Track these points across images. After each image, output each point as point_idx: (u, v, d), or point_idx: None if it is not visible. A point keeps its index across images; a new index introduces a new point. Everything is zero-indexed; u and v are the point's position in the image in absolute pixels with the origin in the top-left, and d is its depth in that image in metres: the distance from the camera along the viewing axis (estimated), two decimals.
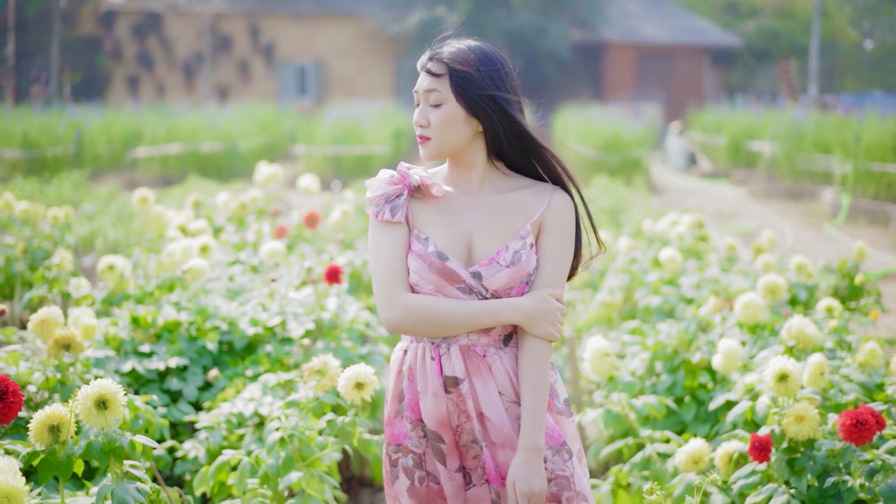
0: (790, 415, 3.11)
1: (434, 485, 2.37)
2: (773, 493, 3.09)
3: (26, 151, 16.97)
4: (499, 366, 2.32)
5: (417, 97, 2.35)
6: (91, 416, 2.56)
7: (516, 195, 2.36)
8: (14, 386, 2.54)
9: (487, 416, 2.31)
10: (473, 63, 2.29)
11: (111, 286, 4.64)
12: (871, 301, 5.13)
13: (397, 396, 2.40)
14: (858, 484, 3.00)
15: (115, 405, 2.58)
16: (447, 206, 2.36)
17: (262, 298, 4.57)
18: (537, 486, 2.23)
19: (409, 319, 2.26)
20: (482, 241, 2.33)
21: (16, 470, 2.09)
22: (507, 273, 2.29)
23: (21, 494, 2.06)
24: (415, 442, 2.37)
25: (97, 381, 2.59)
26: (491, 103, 2.28)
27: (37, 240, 7.18)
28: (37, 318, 3.43)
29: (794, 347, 3.85)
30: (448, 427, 2.34)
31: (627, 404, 3.60)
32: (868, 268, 9.70)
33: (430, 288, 2.30)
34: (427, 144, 2.33)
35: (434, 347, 2.33)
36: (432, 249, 2.30)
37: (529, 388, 2.27)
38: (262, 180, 7.26)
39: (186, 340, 4.16)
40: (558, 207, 2.35)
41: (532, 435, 2.25)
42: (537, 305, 2.28)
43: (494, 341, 2.32)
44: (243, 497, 3.04)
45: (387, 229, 2.33)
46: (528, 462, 2.24)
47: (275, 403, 3.52)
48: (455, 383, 2.31)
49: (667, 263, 5.70)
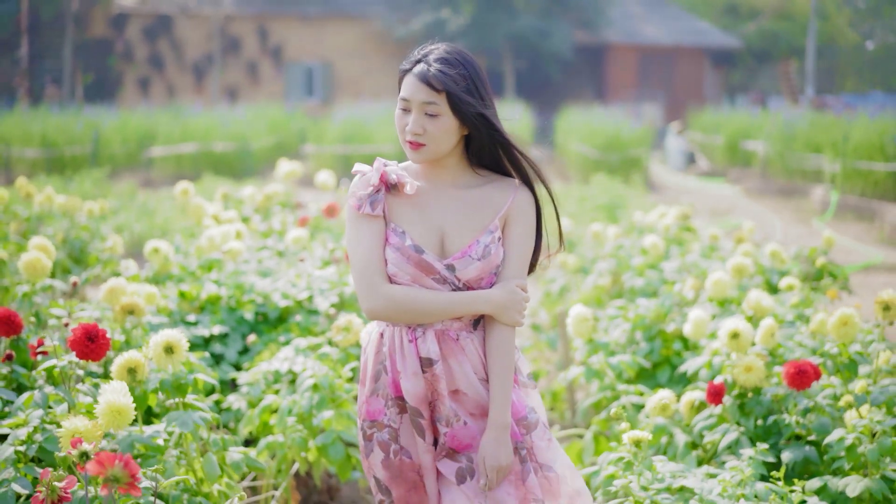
0: (740, 366, 3.73)
1: (406, 458, 2.56)
2: (726, 431, 3.70)
3: (45, 151, 17.62)
4: (471, 347, 2.53)
5: (407, 104, 2.48)
6: (161, 358, 3.16)
7: (483, 190, 2.55)
8: (103, 331, 3.14)
9: (464, 391, 2.52)
10: (466, 81, 2.46)
11: (156, 267, 5.26)
12: (830, 282, 5.74)
13: (374, 376, 2.57)
14: (795, 421, 3.62)
15: (179, 350, 3.18)
16: (420, 200, 2.53)
17: (291, 278, 5.20)
18: (504, 460, 2.48)
19: (390, 309, 2.46)
20: (454, 235, 2.51)
21: (126, 391, 2.68)
22: (478, 266, 2.49)
23: (129, 410, 2.64)
24: (390, 417, 2.55)
25: (164, 331, 3.19)
26: (481, 120, 2.47)
27: (74, 231, 7.82)
28: (106, 287, 4.05)
29: (752, 317, 4.46)
30: (426, 404, 2.54)
31: (605, 362, 4.22)
32: (853, 260, 10.32)
33: (408, 279, 2.48)
34: (422, 150, 2.48)
35: (411, 331, 2.52)
36: (409, 243, 2.48)
37: (497, 370, 2.50)
38: (283, 175, 7.90)
39: (227, 311, 4.80)
40: (523, 203, 2.55)
41: (500, 413, 2.48)
42: (507, 297, 2.49)
43: (465, 326, 2.53)
44: (284, 432, 3.66)
45: (366, 222, 2.50)
46: (496, 439, 2.48)
47: (307, 362, 4.12)
48: (430, 364, 2.50)
49: (650, 249, 6.32)
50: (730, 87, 37.81)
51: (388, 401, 2.55)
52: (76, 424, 2.57)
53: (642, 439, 3.02)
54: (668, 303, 5.16)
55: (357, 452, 3.69)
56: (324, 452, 3.62)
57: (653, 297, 6.04)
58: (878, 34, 38.17)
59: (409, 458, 2.56)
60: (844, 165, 15.13)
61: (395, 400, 2.54)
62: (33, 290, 4.38)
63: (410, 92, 2.47)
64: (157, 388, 3.21)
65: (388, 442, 2.55)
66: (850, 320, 3.83)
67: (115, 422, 2.63)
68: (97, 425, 2.61)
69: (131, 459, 2.00)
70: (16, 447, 2.92)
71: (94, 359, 3.11)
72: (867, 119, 15.93)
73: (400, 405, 2.55)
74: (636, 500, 3.01)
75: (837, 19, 37.20)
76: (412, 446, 2.56)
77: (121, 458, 2.00)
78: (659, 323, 4.99)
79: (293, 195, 8.01)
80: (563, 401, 5.54)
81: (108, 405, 2.63)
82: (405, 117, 2.49)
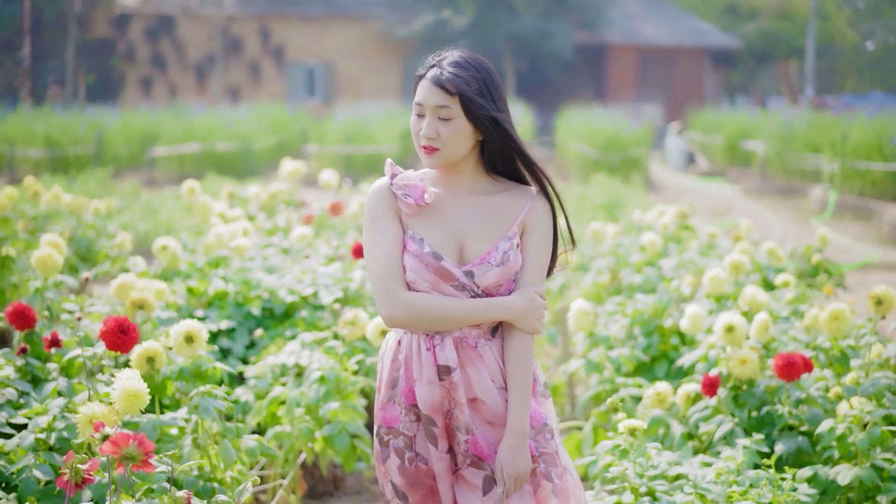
0: (734, 358, 3.84)
1: (423, 465, 2.56)
2: (721, 422, 3.81)
3: (49, 150, 17.74)
4: (489, 355, 2.52)
5: (421, 109, 2.50)
6: (181, 347, 3.29)
7: (501, 197, 2.56)
8: (132, 325, 3.25)
9: (482, 399, 2.51)
10: (479, 85, 2.48)
11: (164, 263, 5.38)
12: (825, 279, 5.85)
13: (391, 383, 2.56)
14: (787, 412, 3.73)
15: (198, 339, 3.31)
16: (438, 208, 2.53)
17: (296, 274, 5.31)
18: (522, 468, 2.47)
19: (409, 316, 2.45)
20: (472, 241, 2.51)
21: (139, 377, 2.80)
22: (497, 272, 2.49)
23: (144, 394, 2.76)
24: (406, 425, 2.54)
25: (185, 321, 3.32)
26: (493, 124, 2.48)
27: (80, 229, 7.94)
28: (117, 283, 4.17)
29: (748, 312, 4.57)
30: (440, 412, 2.52)
31: (605, 355, 4.33)
32: (851, 259, 10.44)
33: (426, 286, 2.48)
34: (436, 155, 2.49)
35: (428, 339, 2.51)
36: (428, 250, 2.47)
37: (516, 377, 2.49)
38: (287, 174, 8.01)
39: (234, 307, 4.92)
40: (540, 210, 2.56)
41: (518, 420, 2.47)
42: (525, 304, 2.49)
43: (484, 333, 2.52)
44: (292, 423, 3.77)
45: (383, 229, 2.50)
46: (515, 446, 2.46)
47: (313, 355, 4.23)
48: (447, 372, 2.49)
49: (648, 247, 6.43)
50: (730, 88, 37.92)
51: (404, 408, 2.55)
52: (93, 410, 2.68)
53: (638, 427, 3.13)
54: (666, 299, 5.27)
55: (362, 444, 3.81)
56: (330, 443, 3.73)
57: (651, 294, 6.15)
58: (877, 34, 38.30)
59: (425, 465, 2.56)
60: (843, 165, 15.24)
61: (411, 408, 2.54)
62: (45, 286, 4.49)
63: (424, 96, 2.49)
64: (176, 375, 3.32)
65: (403, 449, 2.55)
66: (841, 315, 3.94)
67: (131, 406, 2.74)
68: (113, 410, 2.72)
69: (145, 438, 2.11)
70: (36, 435, 3.04)
71: (124, 350, 3.23)
72: (865, 119, 16.04)
73: (415, 413, 2.54)
74: (632, 487, 3.12)
75: (837, 19, 37.31)
76: (427, 453, 2.55)
77: (135, 438, 2.10)
78: (657, 318, 5.09)
79: (296, 194, 8.13)
80: (562, 395, 5.65)
81: (124, 390, 2.74)
82: (420, 122, 2.50)
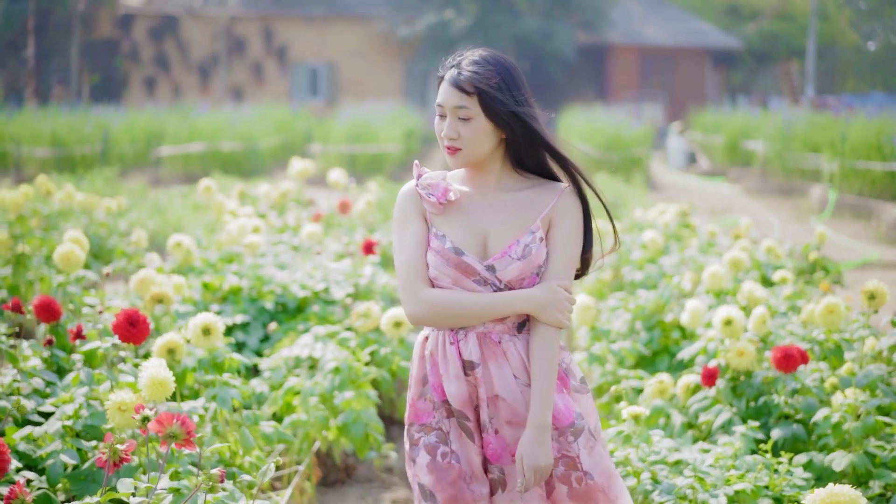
0: (733, 350, 3.99)
1: (455, 463, 2.53)
2: (719, 411, 3.96)
3: (55, 150, 17.88)
4: (513, 351, 2.49)
5: (442, 110, 2.50)
6: (199, 339, 3.44)
7: (528, 193, 2.54)
8: (143, 317, 3.40)
9: (502, 396, 2.49)
10: (497, 80, 2.46)
11: (179, 260, 5.53)
12: (823, 276, 6.00)
13: (421, 380, 2.57)
14: (783, 401, 3.88)
15: (215, 331, 3.46)
16: (464, 205, 2.54)
17: (308, 270, 5.47)
18: (543, 461, 2.43)
19: (430, 313, 2.46)
20: (496, 237, 2.50)
21: (164, 365, 2.94)
22: (518, 265, 2.47)
23: (168, 382, 2.90)
24: (438, 420, 2.55)
25: (201, 314, 3.47)
26: (514, 119, 2.47)
27: (93, 227, 8.10)
28: (137, 278, 4.33)
29: (746, 307, 4.72)
30: (470, 406, 2.52)
31: (607, 349, 4.48)
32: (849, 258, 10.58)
33: (448, 281, 2.48)
34: (458, 155, 2.49)
35: (453, 334, 2.51)
36: (449, 245, 2.48)
37: (539, 370, 2.45)
38: (295, 174, 8.17)
39: (248, 301, 5.08)
40: (567, 204, 2.54)
41: (540, 413, 2.43)
42: (546, 296, 2.45)
43: (509, 329, 2.50)
44: (307, 411, 3.92)
45: (408, 229, 2.53)
46: (536, 438, 2.42)
47: (326, 347, 4.38)
48: (472, 367, 2.49)
49: (649, 244, 6.58)
50: (730, 88, 38.05)
51: (435, 404, 2.55)
52: (122, 397, 2.83)
53: (640, 414, 3.28)
54: (667, 294, 5.42)
55: (374, 431, 3.96)
56: (345, 431, 3.89)
57: (652, 290, 6.30)
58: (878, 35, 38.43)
59: (458, 463, 2.53)
60: (842, 165, 15.38)
61: (442, 403, 2.55)
62: (67, 280, 4.64)
63: (444, 98, 2.49)
64: (195, 366, 3.47)
65: (435, 444, 2.54)
66: (835, 308, 4.09)
67: (157, 393, 2.88)
68: (141, 397, 2.87)
69: (187, 418, 2.26)
70: (63, 422, 3.18)
71: (136, 342, 3.37)
72: (865, 119, 16.17)
73: (447, 409, 2.54)
74: (634, 471, 3.27)
75: (838, 20, 37.46)
76: (461, 450, 2.54)
77: (178, 418, 2.25)
78: (658, 313, 5.25)
79: (303, 193, 8.29)
80: None
81: (151, 378, 2.88)
82: (442, 123, 2.51)
